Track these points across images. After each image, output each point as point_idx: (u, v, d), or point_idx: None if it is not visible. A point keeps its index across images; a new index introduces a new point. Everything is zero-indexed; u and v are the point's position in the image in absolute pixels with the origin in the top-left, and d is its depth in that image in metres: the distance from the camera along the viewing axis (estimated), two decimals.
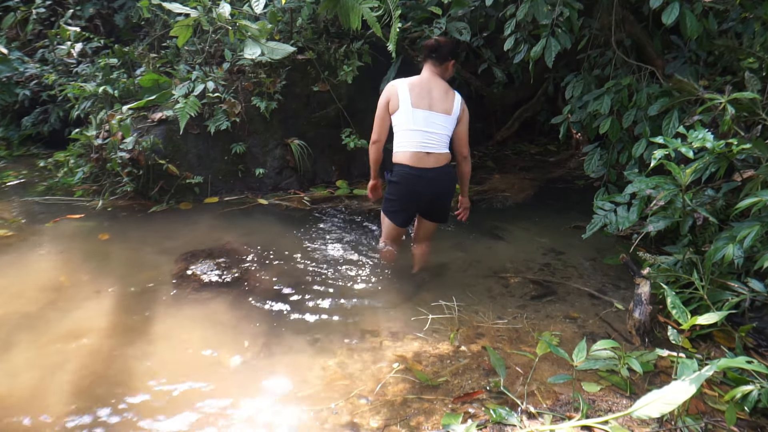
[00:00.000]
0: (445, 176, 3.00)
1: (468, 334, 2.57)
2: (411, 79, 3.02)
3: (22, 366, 2.29)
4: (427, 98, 2.98)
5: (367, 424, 1.96)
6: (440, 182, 3.00)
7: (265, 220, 4.02)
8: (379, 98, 3.04)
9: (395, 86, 3.00)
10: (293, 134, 4.64)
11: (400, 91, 2.98)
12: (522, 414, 1.96)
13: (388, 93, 3.01)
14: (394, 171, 3.02)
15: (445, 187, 3.04)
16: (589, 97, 3.61)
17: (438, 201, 3.06)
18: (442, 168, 2.98)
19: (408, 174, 2.95)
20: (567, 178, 5.07)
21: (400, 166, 2.98)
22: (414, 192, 2.98)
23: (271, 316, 2.72)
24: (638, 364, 2.06)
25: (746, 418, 1.95)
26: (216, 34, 4.67)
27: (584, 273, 3.24)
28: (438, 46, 3.04)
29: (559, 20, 3.32)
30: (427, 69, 3.05)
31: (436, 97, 3.00)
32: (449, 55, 3.09)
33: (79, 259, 3.31)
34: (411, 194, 3.00)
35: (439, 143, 2.97)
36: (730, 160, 2.65)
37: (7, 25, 6.07)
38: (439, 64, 3.05)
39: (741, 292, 2.44)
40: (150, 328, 2.60)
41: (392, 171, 3.03)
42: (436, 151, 2.95)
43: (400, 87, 2.99)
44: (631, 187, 2.84)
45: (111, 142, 4.12)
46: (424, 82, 3.01)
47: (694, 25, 2.98)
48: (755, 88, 2.77)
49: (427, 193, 2.99)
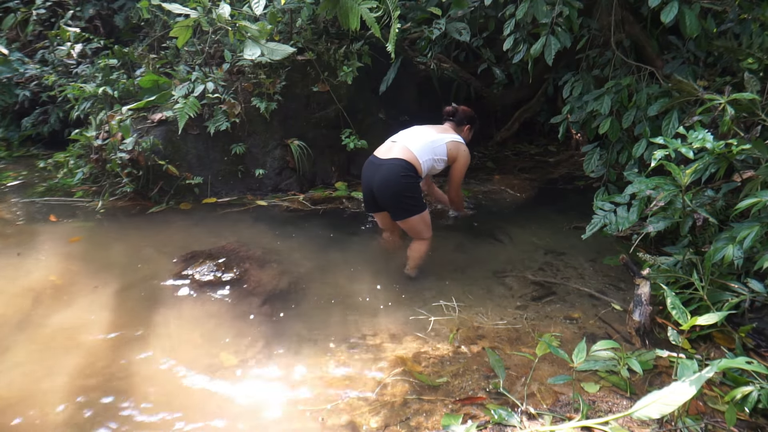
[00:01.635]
0: (386, 166, 3.02)
1: (468, 335, 2.57)
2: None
3: (19, 367, 2.29)
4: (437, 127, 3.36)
5: (366, 424, 1.96)
6: (382, 171, 3.04)
7: (264, 221, 4.02)
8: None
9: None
10: (293, 135, 4.64)
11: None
12: (522, 415, 1.96)
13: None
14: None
15: (383, 175, 3.02)
16: (589, 97, 3.61)
17: (378, 191, 3.07)
18: (390, 159, 3.04)
19: (366, 161, 3.17)
20: (567, 178, 5.07)
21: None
22: (364, 177, 3.18)
23: (271, 317, 2.72)
24: (638, 365, 2.06)
25: (746, 419, 1.95)
26: (216, 34, 4.67)
27: (584, 273, 3.24)
28: (455, 111, 3.50)
29: (558, 19, 3.32)
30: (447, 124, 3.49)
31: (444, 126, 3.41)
32: (465, 121, 3.50)
33: (78, 260, 3.30)
34: (362, 179, 3.20)
35: (409, 140, 3.14)
36: (729, 160, 2.65)
37: (7, 26, 6.07)
38: (456, 126, 3.47)
39: (741, 293, 2.44)
40: (149, 329, 2.60)
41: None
42: (402, 143, 3.11)
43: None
44: (630, 187, 2.84)
45: (111, 143, 4.12)
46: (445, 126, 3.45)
47: (694, 23, 2.97)
48: (755, 89, 2.77)
49: (368, 181, 3.13)
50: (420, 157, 3.06)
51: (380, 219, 3.37)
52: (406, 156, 3.03)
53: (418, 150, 3.07)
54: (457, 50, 5.30)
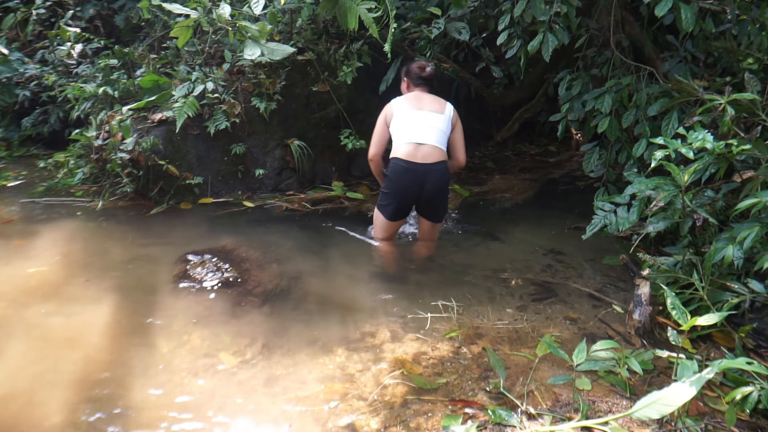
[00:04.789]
0: (436, 172, 3.04)
1: (468, 335, 2.57)
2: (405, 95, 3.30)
3: (17, 368, 2.29)
4: (420, 102, 3.20)
5: (366, 425, 1.96)
6: (430, 177, 3.04)
7: (264, 221, 4.02)
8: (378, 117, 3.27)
9: (391, 103, 3.26)
10: (293, 135, 4.64)
11: (395, 104, 3.22)
12: (522, 415, 1.96)
13: (386, 110, 3.26)
14: (389, 166, 3.10)
15: (435, 182, 3.06)
16: (589, 96, 3.61)
17: (429, 196, 3.10)
18: (435, 164, 3.05)
19: (399, 167, 3.04)
20: (567, 178, 5.07)
21: (394, 160, 3.09)
22: (404, 185, 3.06)
23: (271, 317, 2.72)
24: (638, 365, 2.06)
25: (746, 419, 1.95)
26: (216, 35, 4.66)
27: (584, 274, 3.24)
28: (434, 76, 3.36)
29: (556, 18, 3.32)
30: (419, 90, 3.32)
31: (428, 101, 3.21)
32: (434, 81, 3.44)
33: (78, 260, 3.30)
34: (401, 187, 3.06)
35: (432, 136, 3.10)
36: (729, 161, 2.65)
37: (7, 26, 6.06)
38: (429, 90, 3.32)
39: (741, 293, 2.44)
40: (149, 329, 2.60)
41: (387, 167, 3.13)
42: (428, 142, 3.06)
43: (395, 101, 3.25)
44: (630, 188, 2.84)
45: (111, 143, 4.12)
46: (419, 94, 3.26)
47: (690, 18, 2.92)
48: (755, 89, 2.77)
49: (416, 188, 3.05)
50: (444, 150, 3.15)
51: (394, 228, 3.31)
52: (442, 157, 3.11)
53: (442, 144, 3.13)
54: (456, 50, 5.30)
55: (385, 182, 3.13)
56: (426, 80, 3.28)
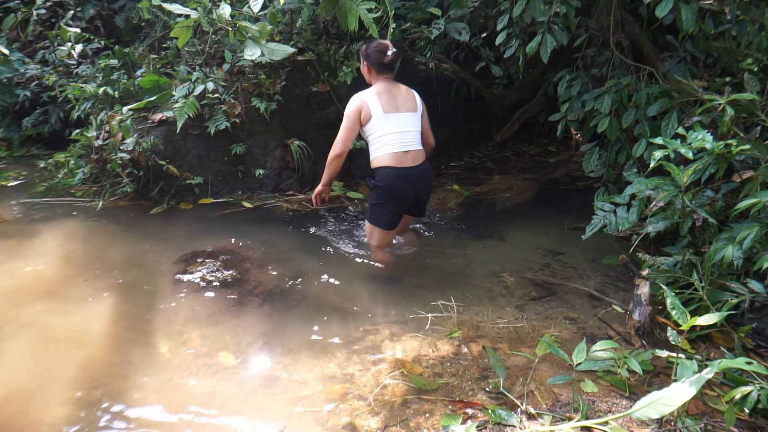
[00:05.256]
0: (426, 172, 3.21)
1: (468, 335, 2.57)
2: (374, 89, 3.11)
3: (17, 368, 2.29)
4: (394, 102, 3.10)
5: (366, 425, 1.96)
6: (423, 178, 3.18)
7: (264, 221, 4.02)
8: (347, 109, 3.09)
9: (363, 98, 3.07)
10: (293, 135, 4.64)
11: (369, 102, 3.05)
12: (522, 415, 1.96)
13: (359, 104, 3.06)
14: (378, 175, 3.09)
15: (426, 183, 3.25)
16: (589, 96, 3.61)
17: (422, 196, 3.28)
18: (422, 165, 3.16)
19: (393, 175, 3.06)
20: (567, 179, 5.07)
21: (384, 168, 3.06)
22: (401, 192, 3.11)
23: (271, 317, 2.73)
24: (638, 365, 2.06)
25: (746, 419, 1.95)
26: (216, 35, 4.67)
27: (584, 274, 3.24)
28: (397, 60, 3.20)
29: (555, 19, 3.32)
30: (385, 79, 3.15)
31: (401, 98, 3.14)
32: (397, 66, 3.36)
33: (78, 260, 3.31)
34: (398, 195, 3.12)
35: (415, 141, 3.15)
36: (729, 161, 2.65)
37: (7, 27, 6.07)
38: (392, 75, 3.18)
39: (740, 293, 2.44)
40: (149, 329, 2.60)
41: (374, 176, 3.10)
42: (413, 148, 3.12)
43: (369, 97, 3.07)
44: (630, 187, 2.84)
45: (111, 143, 4.13)
46: (388, 89, 3.12)
47: (690, 19, 2.91)
48: (754, 90, 2.77)
49: (412, 191, 3.14)
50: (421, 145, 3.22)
51: (391, 235, 3.33)
52: (424, 155, 3.22)
53: (420, 143, 3.20)
54: (456, 50, 5.30)
55: (378, 192, 3.09)
56: (389, 66, 3.12)
